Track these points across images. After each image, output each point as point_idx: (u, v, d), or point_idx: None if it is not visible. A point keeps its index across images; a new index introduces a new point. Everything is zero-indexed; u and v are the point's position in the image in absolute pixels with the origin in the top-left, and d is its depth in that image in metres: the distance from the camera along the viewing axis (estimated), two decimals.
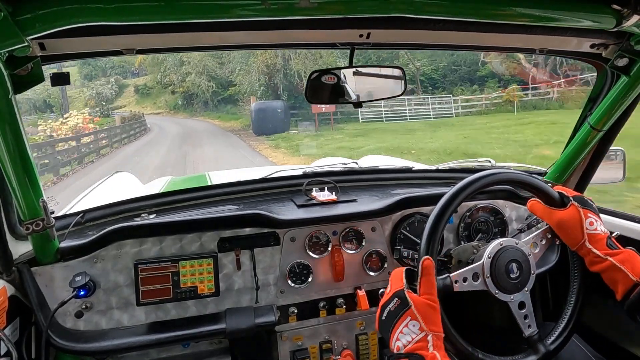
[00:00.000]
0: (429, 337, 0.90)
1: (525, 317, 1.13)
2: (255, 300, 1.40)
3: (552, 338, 1.16)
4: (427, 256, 1.00)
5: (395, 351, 0.93)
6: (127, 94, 46.44)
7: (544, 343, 1.15)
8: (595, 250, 1.05)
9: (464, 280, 1.09)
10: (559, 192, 1.15)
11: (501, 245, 1.12)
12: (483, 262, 1.10)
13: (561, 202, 1.13)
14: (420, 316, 0.92)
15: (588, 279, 1.19)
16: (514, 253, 1.12)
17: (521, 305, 1.13)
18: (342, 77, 1.33)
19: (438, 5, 0.89)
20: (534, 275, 1.14)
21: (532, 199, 1.20)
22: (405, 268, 1.03)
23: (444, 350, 0.91)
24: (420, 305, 0.93)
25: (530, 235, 1.20)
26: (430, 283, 0.97)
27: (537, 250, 1.18)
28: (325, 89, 1.30)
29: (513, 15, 0.93)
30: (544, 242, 1.20)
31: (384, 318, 0.97)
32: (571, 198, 1.12)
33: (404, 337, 0.91)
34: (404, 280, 0.99)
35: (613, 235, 1.13)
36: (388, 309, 0.96)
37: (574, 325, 1.18)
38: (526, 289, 1.13)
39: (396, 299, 0.96)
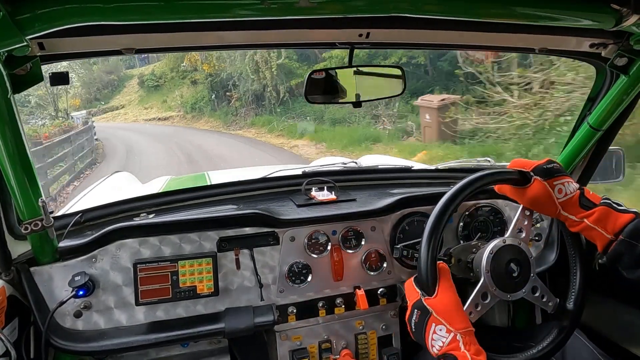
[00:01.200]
0: (459, 337, 0.92)
1: (542, 297, 1.14)
2: (260, 298, 1.40)
3: (572, 300, 1.18)
4: (440, 261, 1.03)
5: (434, 355, 0.96)
6: (129, 89, 31.37)
7: (566, 308, 1.16)
8: (570, 216, 1.06)
9: (477, 306, 1.08)
10: (518, 170, 1.11)
11: (491, 252, 1.11)
12: (484, 278, 1.09)
13: (524, 179, 1.10)
14: (444, 319, 0.94)
15: (588, 273, 1.19)
16: (507, 252, 1.11)
17: (534, 289, 1.13)
18: (341, 76, 1.33)
19: (437, 4, 0.89)
20: (532, 259, 1.13)
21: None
22: (414, 277, 1.05)
23: (476, 345, 0.93)
24: (440, 308, 0.96)
25: (512, 226, 1.17)
26: (448, 283, 1.00)
27: (524, 235, 1.17)
28: (325, 89, 1.31)
29: (512, 15, 0.93)
30: (526, 222, 1.17)
31: (414, 330, 1.00)
32: (531, 173, 1.09)
33: (435, 342, 0.95)
34: (418, 290, 1.01)
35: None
36: (413, 321, 1.00)
37: (586, 286, 1.18)
38: (532, 274, 1.12)
39: (416, 310, 0.99)
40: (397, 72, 1.38)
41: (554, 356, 1.18)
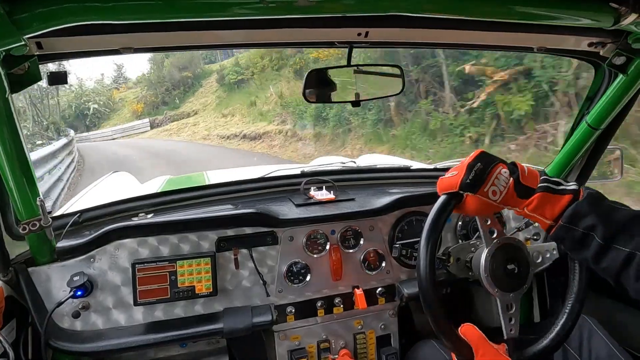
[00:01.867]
0: None
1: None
2: (266, 294, 1.40)
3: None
4: (467, 323, 0.99)
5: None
6: (206, 89, 23.51)
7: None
8: (514, 208, 1.02)
9: (511, 320, 1.07)
10: (451, 196, 1.04)
11: (486, 273, 1.09)
12: (498, 298, 1.08)
13: (458, 198, 1.04)
14: None
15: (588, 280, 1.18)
16: (497, 257, 1.08)
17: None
18: (339, 76, 1.33)
19: (436, 3, 0.89)
20: (520, 242, 1.11)
21: None
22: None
23: None
24: None
25: (483, 236, 1.12)
26: (481, 340, 0.96)
27: (496, 234, 1.13)
28: (324, 88, 1.30)
29: (511, 14, 0.93)
30: (489, 222, 1.12)
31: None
32: (459, 191, 1.02)
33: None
34: None
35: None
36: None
37: (580, 311, 1.14)
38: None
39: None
40: (397, 71, 1.38)
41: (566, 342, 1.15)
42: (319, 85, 1.30)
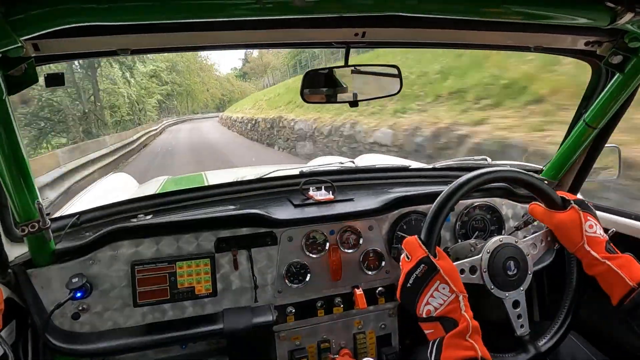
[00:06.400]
0: (460, 298, 0.93)
1: (519, 316, 1.12)
2: (254, 300, 1.40)
3: (545, 340, 1.16)
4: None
5: (424, 315, 0.94)
6: None
7: (534, 344, 1.14)
8: (593, 253, 1.05)
9: (462, 272, 1.09)
10: (560, 196, 1.15)
11: (500, 242, 1.13)
12: (482, 256, 1.10)
13: (562, 204, 1.14)
14: (449, 279, 0.95)
15: (585, 280, 1.19)
16: (513, 251, 1.12)
17: (515, 304, 1.12)
18: (337, 76, 1.33)
19: (433, 3, 0.89)
20: (531, 274, 1.14)
21: (533, 202, 1.21)
22: (416, 237, 1.05)
23: (471, 311, 0.93)
24: (447, 268, 0.97)
25: (531, 236, 1.19)
26: (443, 252, 1.04)
27: (535, 252, 1.18)
28: (322, 88, 1.30)
29: (508, 13, 0.93)
30: (543, 244, 1.19)
31: (410, 285, 0.97)
32: (572, 201, 1.13)
33: (434, 300, 0.93)
34: (424, 248, 1.01)
35: (609, 232, 1.13)
36: (414, 275, 0.97)
37: (568, 328, 1.18)
38: (522, 288, 1.13)
39: (423, 264, 0.97)
40: (394, 71, 1.38)
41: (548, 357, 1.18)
42: (317, 86, 1.30)
